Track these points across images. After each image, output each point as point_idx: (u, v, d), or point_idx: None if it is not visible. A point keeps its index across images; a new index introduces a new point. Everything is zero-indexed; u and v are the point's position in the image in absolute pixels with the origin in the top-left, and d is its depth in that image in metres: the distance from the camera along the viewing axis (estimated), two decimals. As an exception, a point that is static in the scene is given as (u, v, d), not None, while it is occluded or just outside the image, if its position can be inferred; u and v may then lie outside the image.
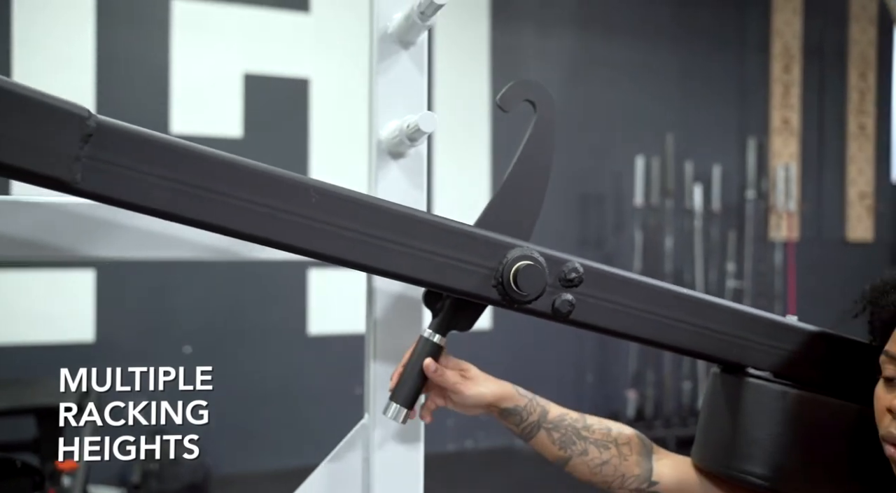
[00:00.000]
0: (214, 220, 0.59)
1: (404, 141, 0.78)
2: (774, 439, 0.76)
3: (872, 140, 5.27)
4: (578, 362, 4.55)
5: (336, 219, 0.62)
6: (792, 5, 5.04)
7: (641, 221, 4.38)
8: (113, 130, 0.55)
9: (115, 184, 0.55)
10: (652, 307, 0.75)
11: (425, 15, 0.75)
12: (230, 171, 0.59)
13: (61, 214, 0.71)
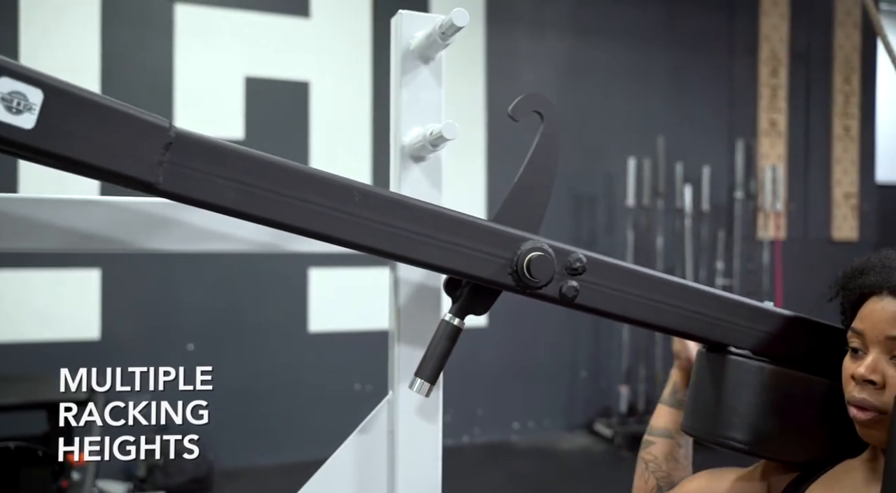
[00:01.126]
0: (273, 216, 0.68)
1: (427, 146, 0.88)
2: (753, 408, 0.87)
3: (857, 142, 5.40)
4: (572, 359, 4.65)
5: (375, 215, 0.72)
6: (779, 11, 5.16)
7: (633, 221, 4.49)
8: (189, 139, 0.64)
9: (191, 185, 0.64)
10: (646, 293, 0.85)
11: (446, 35, 0.85)
12: (287, 174, 0.68)
13: (128, 213, 0.80)
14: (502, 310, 5.06)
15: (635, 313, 0.84)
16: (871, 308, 0.80)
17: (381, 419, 0.94)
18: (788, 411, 0.87)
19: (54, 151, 0.58)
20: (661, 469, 1.03)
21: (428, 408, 0.94)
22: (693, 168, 4.70)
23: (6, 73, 0.55)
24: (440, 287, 0.93)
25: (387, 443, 0.94)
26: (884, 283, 0.79)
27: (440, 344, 0.83)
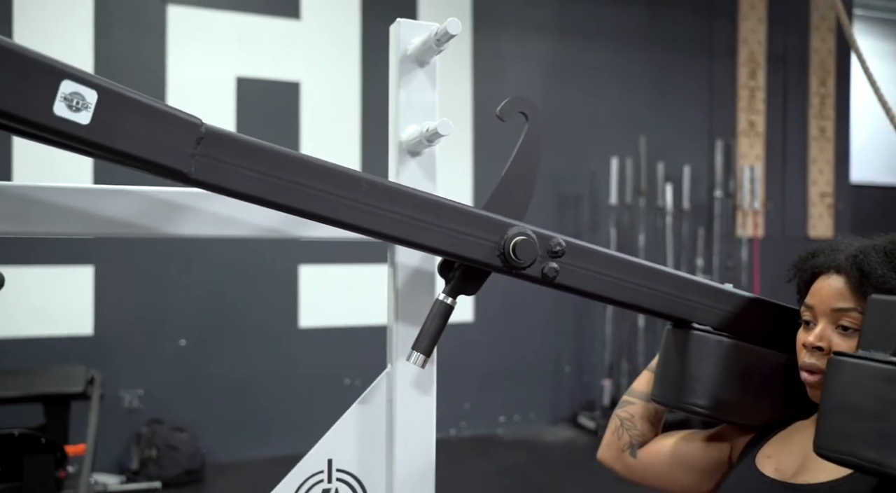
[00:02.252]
0: (290, 203, 0.77)
1: (423, 142, 0.97)
2: (713, 378, 0.97)
3: (832, 143, 5.56)
4: (557, 354, 4.75)
5: (380, 203, 0.81)
6: (757, 15, 5.31)
7: (616, 219, 4.60)
8: (218, 135, 0.73)
9: (219, 175, 0.73)
10: (619, 275, 0.95)
11: (440, 41, 0.94)
12: (303, 166, 0.78)
13: (151, 201, 0.89)
14: (489, 307, 5.20)
15: (609, 292, 0.94)
16: (819, 285, 0.91)
17: (380, 390, 1.03)
18: (745, 380, 0.98)
19: (105, 144, 0.67)
20: (635, 428, 1.12)
21: (423, 380, 1.03)
22: (674, 167, 4.83)
23: (68, 76, 0.64)
24: (434, 271, 1.03)
25: (386, 412, 1.03)
26: (831, 263, 0.90)
27: (434, 321, 0.93)
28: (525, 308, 4.64)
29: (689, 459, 1.07)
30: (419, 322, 0.95)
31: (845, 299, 0.87)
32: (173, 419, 3.78)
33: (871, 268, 0.84)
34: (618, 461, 1.14)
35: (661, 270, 0.97)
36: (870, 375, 0.75)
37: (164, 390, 3.86)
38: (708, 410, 0.98)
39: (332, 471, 1.01)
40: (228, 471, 3.73)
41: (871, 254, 0.85)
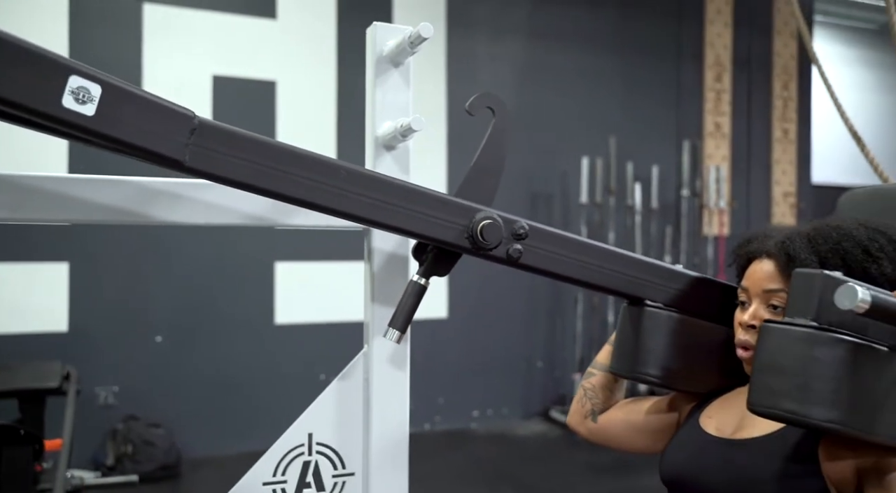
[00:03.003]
0: (276, 189, 0.84)
1: (397, 137, 1.04)
2: (664, 349, 1.06)
3: (795, 144, 5.75)
4: (529, 350, 4.85)
5: (358, 189, 0.88)
6: (723, 19, 5.47)
7: (587, 217, 4.71)
8: (210, 126, 0.80)
9: (211, 164, 0.80)
10: (579, 256, 1.03)
11: (414, 44, 1.02)
12: (288, 155, 0.84)
13: (141, 190, 0.95)
14: (463, 304, 5.29)
15: (569, 272, 1.03)
16: (753, 269, 1.01)
17: (357, 368, 1.10)
18: (692, 351, 1.07)
19: (108, 134, 0.73)
20: (597, 397, 1.22)
21: (398, 359, 1.11)
22: (643, 167, 4.96)
23: (75, 72, 0.70)
24: (407, 256, 1.11)
25: (362, 389, 1.11)
26: (762, 249, 1.00)
27: (409, 300, 1.00)
28: (498, 305, 4.73)
29: (641, 423, 1.17)
30: (394, 304, 1.03)
31: (775, 280, 0.97)
32: (149, 415, 3.80)
33: (796, 253, 0.94)
34: (581, 426, 1.23)
35: (616, 251, 1.06)
36: (792, 338, 0.84)
37: (140, 387, 3.87)
38: (659, 379, 1.07)
39: (312, 444, 1.08)
40: (205, 466, 3.76)
41: (796, 240, 0.95)
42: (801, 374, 0.82)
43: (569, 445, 4.25)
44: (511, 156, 4.29)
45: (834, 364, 0.81)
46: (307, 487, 1.07)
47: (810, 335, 0.82)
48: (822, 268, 0.90)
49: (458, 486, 3.57)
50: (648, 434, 1.17)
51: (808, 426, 0.82)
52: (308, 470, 1.07)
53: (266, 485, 1.05)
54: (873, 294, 0.77)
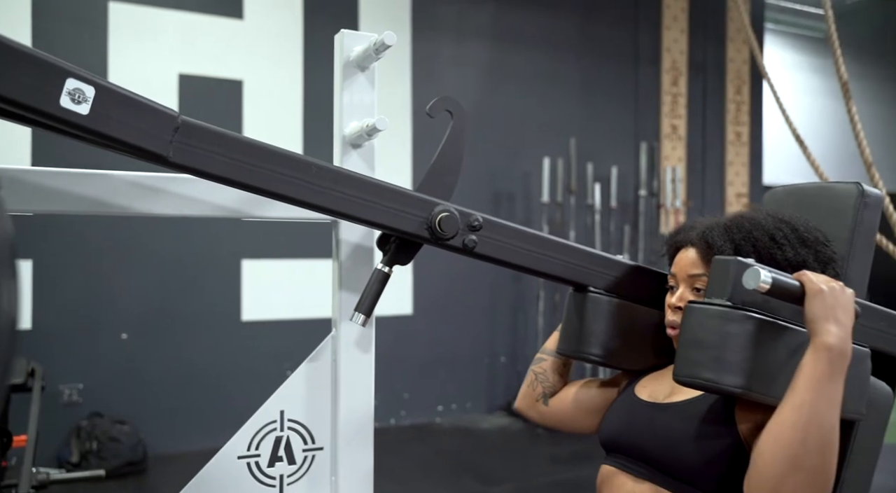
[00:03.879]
0: (253, 182, 0.92)
1: (363, 136, 1.13)
2: (605, 331, 1.17)
3: (747, 147, 5.97)
4: (492, 345, 4.96)
5: (327, 184, 0.97)
6: (679, 26, 5.66)
7: (548, 216, 4.84)
8: (192, 125, 0.88)
9: (193, 159, 0.88)
10: (529, 246, 1.13)
11: (378, 50, 1.11)
12: (264, 152, 0.93)
13: (124, 184, 1.03)
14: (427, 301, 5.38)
15: (520, 260, 1.13)
16: (679, 257, 1.13)
17: (326, 351, 1.19)
18: (630, 333, 1.18)
19: (100, 131, 0.81)
20: (547, 380, 1.32)
21: (363, 342, 1.20)
22: (602, 168, 5.11)
23: (72, 75, 0.78)
24: (372, 246, 1.20)
25: (331, 369, 1.19)
26: (687, 239, 1.12)
27: (374, 287, 1.09)
28: (462, 302, 4.84)
29: (588, 402, 1.27)
30: (359, 291, 1.12)
31: (697, 266, 1.09)
32: (115, 412, 3.81)
33: (714, 241, 1.06)
34: (532, 409, 1.33)
35: (562, 242, 1.16)
36: (710, 316, 0.96)
37: (105, 384, 3.88)
38: (601, 357, 1.18)
39: (284, 421, 1.16)
40: (171, 462, 3.78)
41: (715, 230, 1.07)
42: (716, 347, 0.94)
43: (531, 437, 4.37)
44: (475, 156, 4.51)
45: (744, 338, 0.93)
46: (279, 460, 1.15)
47: (725, 313, 0.94)
48: (736, 254, 1.02)
49: (423, 477, 3.66)
50: (595, 413, 1.27)
51: (722, 391, 0.94)
52: (280, 445, 1.15)
53: (241, 458, 1.13)
54: (774, 276, 0.89)
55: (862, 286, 1.14)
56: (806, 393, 0.88)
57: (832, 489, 0.92)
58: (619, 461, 1.13)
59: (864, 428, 1.05)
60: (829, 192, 1.19)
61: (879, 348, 1.08)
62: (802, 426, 0.87)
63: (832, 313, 0.90)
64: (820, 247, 1.06)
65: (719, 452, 1.00)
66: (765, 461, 0.89)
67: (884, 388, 1.07)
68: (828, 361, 0.89)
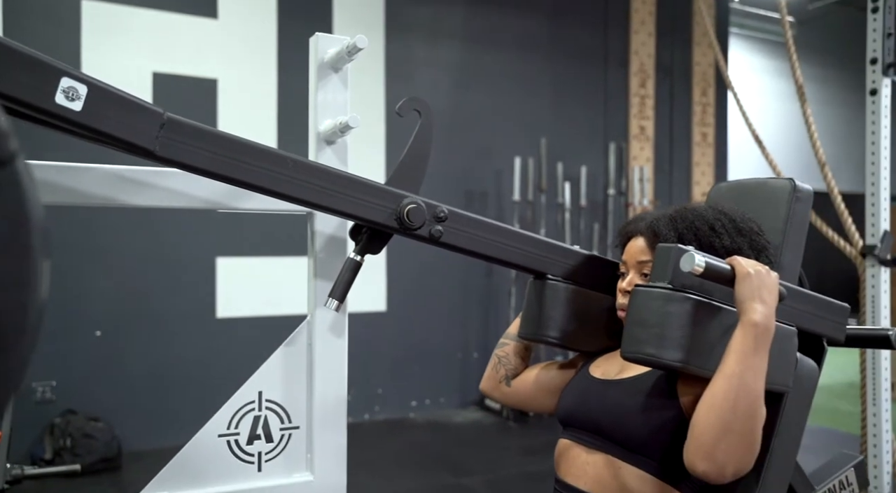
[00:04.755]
0: (234, 175, 0.99)
1: (337, 133, 1.21)
2: (562, 315, 1.26)
3: (713, 147, 6.14)
4: (465, 341, 5.05)
5: (304, 177, 1.04)
6: (647, 30, 5.81)
7: (519, 214, 4.95)
8: (177, 122, 0.94)
9: (178, 153, 0.94)
10: (492, 236, 1.21)
11: (351, 53, 1.18)
12: (244, 147, 1.00)
13: (110, 177, 1.09)
14: (401, 297, 5.45)
15: (484, 250, 1.21)
16: (630, 245, 1.23)
17: (302, 335, 1.26)
18: (585, 316, 1.28)
19: (92, 126, 0.87)
20: (510, 363, 1.41)
21: (336, 327, 1.27)
22: (572, 167, 5.23)
23: (66, 74, 0.84)
24: (345, 237, 1.27)
25: (306, 352, 1.27)
26: (636, 229, 1.22)
27: (346, 274, 1.17)
28: (435, 299, 4.92)
29: (547, 383, 1.36)
30: (332, 279, 1.19)
31: (645, 253, 1.19)
32: (88, 409, 3.82)
33: (660, 230, 1.16)
34: (496, 390, 1.42)
35: (523, 233, 1.25)
36: (653, 297, 1.05)
37: (79, 382, 3.89)
38: (558, 340, 1.27)
39: (262, 401, 1.23)
40: (146, 458, 3.80)
41: (661, 220, 1.17)
42: (658, 325, 1.03)
43: (502, 430, 4.47)
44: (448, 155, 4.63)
45: (683, 317, 1.03)
46: (257, 438, 1.22)
47: (666, 295, 1.04)
48: (679, 242, 1.12)
49: (397, 470, 3.74)
50: (555, 393, 1.36)
51: (664, 365, 1.03)
52: (258, 424, 1.22)
53: (221, 437, 1.20)
54: (707, 260, 0.99)
55: (794, 272, 1.25)
56: (735, 365, 0.98)
57: (760, 452, 1.02)
58: (575, 434, 1.22)
59: (792, 400, 1.15)
60: (765, 187, 1.30)
61: (805, 327, 1.19)
62: (733, 394, 0.97)
63: (758, 293, 1.00)
64: (755, 236, 1.16)
65: (664, 423, 1.10)
66: (700, 428, 0.99)
67: (810, 364, 1.18)
68: (754, 336, 0.99)
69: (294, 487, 1.23)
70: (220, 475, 1.19)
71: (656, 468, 1.10)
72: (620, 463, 1.13)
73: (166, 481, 1.15)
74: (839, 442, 4.13)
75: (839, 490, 1.35)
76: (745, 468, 0.99)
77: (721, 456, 0.97)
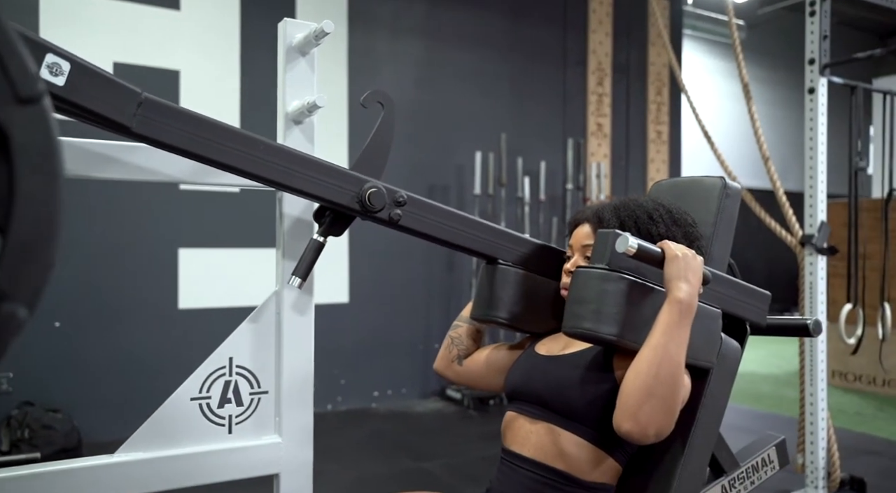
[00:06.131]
0: (207, 154, 1.05)
1: (304, 112, 1.28)
2: (511, 297, 1.35)
3: (667, 145, 6.35)
4: (426, 332, 5.13)
5: (274, 159, 1.11)
6: (604, 29, 5.97)
7: (480, 207, 5.05)
8: (154, 101, 1.01)
9: (153, 130, 1.00)
10: (447, 222, 1.29)
11: (318, 37, 1.26)
12: (217, 128, 1.05)
13: (86, 151, 1.15)
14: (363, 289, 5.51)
15: (440, 234, 1.29)
16: (576, 232, 1.34)
17: (271, 305, 1.33)
18: (532, 299, 1.37)
19: (74, 101, 0.93)
20: (462, 344, 1.50)
21: (303, 298, 1.35)
22: (532, 162, 5.35)
23: (50, 50, 0.90)
24: (311, 220, 1.34)
25: (275, 321, 1.34)
26: (583, 216, 1.34)
27: (309, 254, 1.24)
28: (397, 291, 4.99)
29: (497, 362, 1.46)
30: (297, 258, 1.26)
31: (590, 238, 1.30)
32: (47, 401, 3.79)
33: (604, 217, 1.28)
34: (448, 369, 1.50)
35: (477, 220, 1.34)
36: (592, 277, 1.16)
37: (38, 373, 3.86)
38: (507, 320, 1.36)
39: (233, 367, 1.30)
40: (107, 449, 3.74)
41: (606, 209, 1.29)
42: (596, 302, 1.14)
43: (462, 418, 4.57)
44: (410, 149, 4.76)
45: (618, 295, 1.13)
46: (228, 402, 1.29)
47: (604, 275, 1.15)
48: (620, 229, 1.23)
49: (359, 456, 3.81)
50: (504, 372, 1.45)
51: (600, 338, 1.14)
52: (229, 388, 1.29)
53: (193, 400, 1.26)
54: (640, 243, 1.10)
55: (723, 261, 1.38)
56: (660, 337, 1.09)
57: (687, 422, 1.13)
58: (520, 406, 1.32)
59: (716, 376, 1.27)
60: (699, 185, 1.42)
61: (730, 311, 1.31)
62: (657, 362, 1.08)
63: (684, 274, 1.12)
64: (688, 228, 1.28)
65: (600, 394, 1.20)
66: (627, 391, 1.09)
67: (733, 344, 1.30)
68: (678, 311, 1.10)
69: (263, 448, 1.30)
70: (192, 436, 1.25)
71: (593, 435, 1.21)
72: (560, 431, 1.22)
73: (140, 441, 1.22)
74: (783, 425, 4.34)
75: (761, 467, 1.47)
76: (665, 430, 1.09)
77: (644, 418, 1.07)
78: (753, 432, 4.32)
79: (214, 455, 1.25)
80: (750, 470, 1.43)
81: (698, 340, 1.16)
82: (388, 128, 1.26)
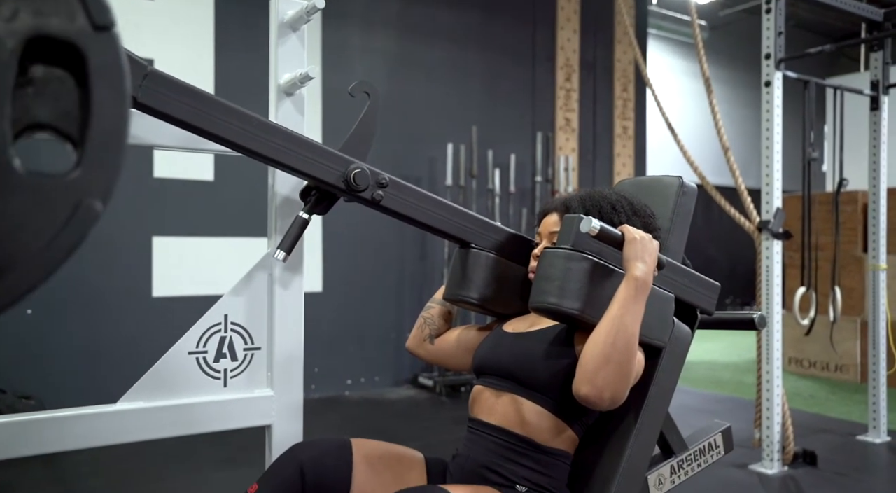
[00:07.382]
0: (206, 127, 1.11)
1: (296, 84, 1.36)
2: (481, 280, 1.43)
3: (633, 140, 6.52)
4: (398, 321, 5.21)
5: (266, 135, 1.18)
6: (572, 27, 6.12)
7: (451, 198, 5.14)
8: (159, 74, 1.07)
9: (157, 102, 1.06)
10: (425, 205, 1.36)
11: (309, 13, 1.34)
12: (216, 103, 1.12)
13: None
14: (337, 279, 5.58)
15: (418, 215, 1.36)
16: (545, 220, 1.46)
17: (265, 265, 1.41)
18: (501, 282, 1.46)
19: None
20: (434, 323, 1.59)
21: (294, 261, 1.43)
22: (502, 155, 5.47)
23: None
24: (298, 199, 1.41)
25: (267, 281, 1.41)
26: (552, 206, 1.46)
27: (294, 230, 1.31)
28: (370, 280, 5.07)
29: (467, 342, 1.55)
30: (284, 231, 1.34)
31: (557, 226, 1.42)
32: (19, 388, 3.78)
33: (571, 206, 1.40)
34: (420, 348, 1.59)
35: (453, 205, 1.43)
36: (557, 256, 1.26)
37: (9, 360, 3.84)
38: (476, 301, 1.45)
39: (228, 323, 1.37)
40: (79, 435, 3.79)
41: (574, 199, 1.41)
42: (560, 279, 1.24)
43: (435, 405, 4.66)
44: (383, 141, 4.86)
45: (581, 273, 1.24)
46: (223, 357, 1.36)
47: (568, 255, 1.25)
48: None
49: (334, 439, 3.87)
50: (472, 351, 1.54)
51: (563, 312, 1.24)
52: (224, 344, 1.36)
53: (191, 354, 1.33)
54: (601, 225, 1.21)
55: (678, 252, 1.50)
56: (618, 310, 1.21)
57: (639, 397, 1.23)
58: (487, 380, 1.41)
59: (668, 355, 1.39)
60: (659, 182, 1.55)
61: (681, 297, 1.42)
62: (614, 332, 1.19)
63: (641, 255, 1.24)
64: (648, 219, 1.40)
65: (562, 367, 1.31)
66: (586, 359, 1.20)
67: (684, 328, 1.42)
68: (635, 287, 1.22)
69: (256, 400, 1.38)
70: (189, 388, 1.32)
71: (553, 405, 1.31)
72: (524, 401, 1.32)
73: (140, 392, 1.29)
74: (742, 408, 4.53)
75: (708, 451, 1.58)
76: (620, 395, 1.20)
77: (600, 382, 1.17)
78: (714, 414, 4.51)
79: (210, 406, 1.33)
80: (697, 453, 1.54)
81: (653, 319, 1.28)
82: (373, 116, 1.34)
